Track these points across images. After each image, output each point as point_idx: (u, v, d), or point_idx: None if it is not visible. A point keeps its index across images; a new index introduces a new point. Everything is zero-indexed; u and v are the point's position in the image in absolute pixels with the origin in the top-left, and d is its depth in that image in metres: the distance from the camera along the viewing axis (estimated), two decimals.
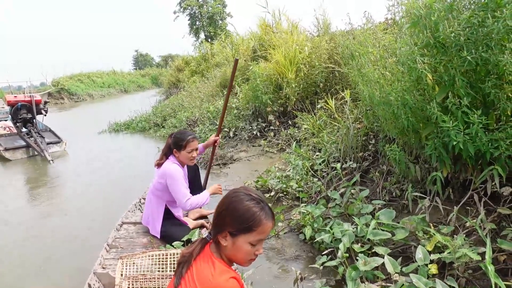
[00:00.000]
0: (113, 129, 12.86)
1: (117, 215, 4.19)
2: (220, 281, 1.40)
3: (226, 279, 1.42)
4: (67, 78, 35.66)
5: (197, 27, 35.44)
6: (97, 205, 5.55)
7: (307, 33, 8.94)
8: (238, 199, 1.49)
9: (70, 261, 3.83)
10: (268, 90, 7.25)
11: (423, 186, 3.38)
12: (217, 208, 1.54)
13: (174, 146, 3.49)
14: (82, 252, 3.99)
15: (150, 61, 71.08)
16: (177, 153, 3.50)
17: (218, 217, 1.52)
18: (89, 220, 4.92)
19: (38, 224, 4.97)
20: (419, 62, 2.73)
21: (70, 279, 3.43)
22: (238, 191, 1.54)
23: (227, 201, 1.51)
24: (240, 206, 1.48)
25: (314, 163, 4.85)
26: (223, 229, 1.49)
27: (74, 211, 5.36)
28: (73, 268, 3.64)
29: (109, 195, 5.97)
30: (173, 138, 3.52)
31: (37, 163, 8.89)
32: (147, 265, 2.66)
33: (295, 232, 3.71)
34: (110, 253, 3.30)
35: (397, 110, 3.01)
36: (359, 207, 3.26)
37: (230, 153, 6.94)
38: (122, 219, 3.98)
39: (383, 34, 4.10)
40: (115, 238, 3.57)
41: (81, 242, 4.26)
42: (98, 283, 2.84)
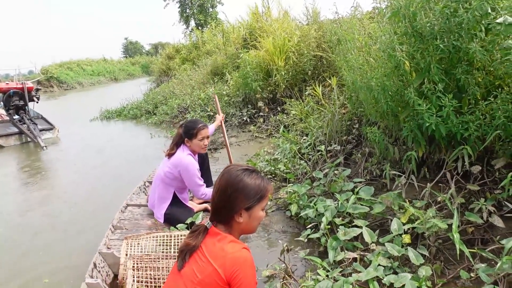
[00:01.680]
0: (105, 116, 12.95)
1: (113, 199, 4.32)
2: (233, 252, 1.48)
3: (239, 249, 1.50)
4: (56, 66, 35.37)
5: (187, 14, 35.16)
6: (93, 189, 5.62)
7: (296, 21, 9.12)
8: (242, 177, 1.57)
9: (72, 243, 3.91)
10: (258, 78, 7.45)
11: (401, 166, 3.61)
12: (223, 193, 1.57)
13: (186, 135, 3.56)
14: (83, 234, 4.08)
15: (140, 49, 70.62)
16: (188, 142, 3.57)
17: (228, 200, 1.57)
18: (88, 204, 4.99)
19: (37, 209, 5.04)
20: (398, 50, 2.94)
21: (74, 260, 3.52)
22: (233, 170, 1.60)
23: (232, 182, 1.56)
24: (248, 182, 1.57)
25: (301, 146, 5.06)
26: (239, 208, 1.57)
27: (71, 196, 5.43)
28: (76, 249, 3.73)
29: (104, 180, 6.06)
30: (184, 128, 3.59)
31: (31, 150, 9.00)
32: (151, 245, 2.75)
33: (282, 210, 3.93)
34: (115, 234, 3.39)
35: (377, 95, 3.22)
36: (341, 185, 3.50)
37: (220, 138, 7.13)
38: (127, 201, 4.05)
39: (369, 22, 4.31)
40: (120, 220, 3.66)
41: (81, 225, 4.33)
42: (103, 263, 2.94)
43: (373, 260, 2.55)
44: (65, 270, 3.38)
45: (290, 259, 2.99)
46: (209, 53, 14.02)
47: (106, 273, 2.92)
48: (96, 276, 2.75)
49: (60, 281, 3.22)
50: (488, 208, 2.67)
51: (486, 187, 2.93)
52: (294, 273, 2.82)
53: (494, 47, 2.68)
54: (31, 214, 4.87)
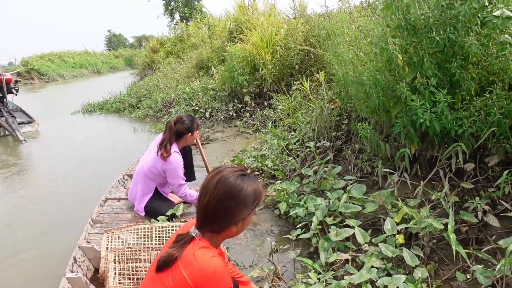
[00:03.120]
0: (87, 109, 12.67)
1: (93, 193, 4.25)
2: (202, 261, 1.38)
3: (209, 258, 1.39)
4: (37, 58, 34.64)
5: (172, 7, 34.65)
6: (73, 184, 5.52)
7: (283, 15, 9.00)
8: (242, 185, 1.44)
9: (52, 238, 3.84)
10: (244, 72, 7.31)
11: (393, 163, 3.54)
12: (221, 203, 1.42)
13: (188, 130, 3.51)
14: (62, 228, 4.01)
15: (124, 42, 69.65)
16: (191, 136, 3.57)
17: (226, 212, 1.44)
18: (66, 198, 4.91)
19: (13, 204, 4.92)
20: (390, 43, 2.84)
21: (54, 255, 3.44)
22: (230, 178, 1.45)
23: (232, 193, 1.42)
24: (247, 190, 1.44)
25: (289, 142, 4.95)
26: (238, 220, 1.46)
27: (49, 190, 5.32)
28: (55, 244, 3.66)
29: (84, 174, 5.93)
30: (186, 124, 3.51)
31: (8, 143, 8.73)
32: (132, 238, 2.71)
33: (271, 208, 3.82)
34: (95, 228, 3.34)
35: (369, 90, 3.13)
36: (332, 183, 3.40)
37: (206, 133, 7.00)
38: (106, 195, 4.00)
39: (359, 16, 4.20)
40: (99, 214, 3.60)
41: (60, 220, 4.25)
42: (83, 257, 2.89)
43: (366, 262, 2.47)
44: (45, 265, 3.31)
45: (279, 260, 2.88)
46: (194, 46, 13.79)
47: (86, 267, 2.88)
48: (76, 271, 2.72)
49: (40, 278, 3.14)
50: (483, 207, 2.60)
51: (479, 185, 2.86)
52: (283, 275, 2.72)
53: (490, 41, 2.60)
54: (7, 209, 4.75)
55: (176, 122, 3.50)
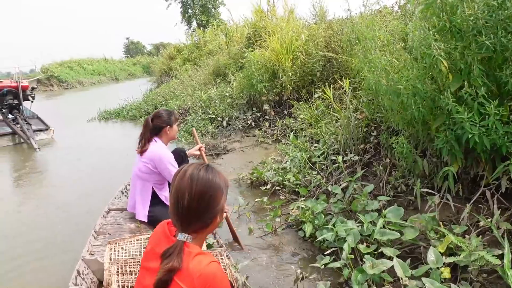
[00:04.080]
0: (103, 117, 12.55)
1: (101, 203, 4.12)
2: (200, 269, 1.31)
3: (207, 264, 1.34)
4: (56, 65, 34.99)
5: (189, 15, 34.74)
6: (84, 193, 5.36)
7: (303, 20, 8.70)
8: (213, 176, 1.43)
9: (57, 249, 3.73)
10: (264, 79, 6.99)
11: (430, 181, 3.19)
12: (201, 199, 1.39)
13: (166, 123, 3.48)
14: (69, 239, 3.90)
15: (142, 49, 70.22)
16: (170, 130, 3.50)
17: (207, 206, 1.41)
18: (76, 208, 4.78)
19: (19, 214, 4.78)
20: (434, 48, 2.51)
21: (59, 266, 3.35)
22: (199, 171, 1.42)
23: (208, 184, 1.41)
24: (219, 179, 1.45)
25: (312, 155, 4.63)
26: (217, 210, 1.45)
27: (60, 199, 5.17)
28: (61, 255, 3.56)
29: (96, 183, 5.76)
30: (163, 117, 3.49)
31: (24, 151, 8.60)
32: (135, 249, 2.68)
33: (294, 228, 3.49)
34: (98, 240, 3.27)
35: (407, 100, 2.79)
36: (364, 204, 3.05)
37: (223, 143, 6.69)
38: (109, 206, 3.95)
39: (391, 19, 3.87)
40: (102, 225, 3.53)
41: (68, 230, 4.14)
42: (87, 270, 2.81)
43: None
44: (48, 278, 3.22)
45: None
46: (211, 53, 13.59)
47: (90, 280, 2.80)
48: (80, 284, 2.65)
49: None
50: None
51: None
52: None
53: None
54: (14, 218, 4.65)
55: (154, 118, 3.48)
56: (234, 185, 4.84)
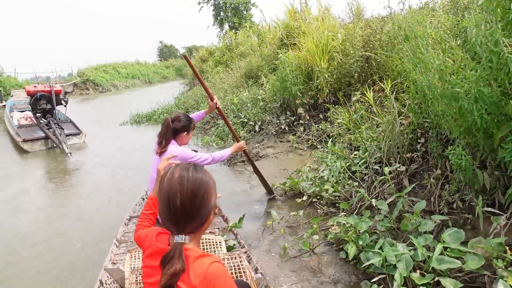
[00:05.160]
0: (135, 120, 12.51)
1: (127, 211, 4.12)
2: (202, 272, 1.28)
3: (208, 265, 1.30)
4: (92, 69, 35.78)
5: (221, 18, 34.76)
6: (113, 199, 5.30)
7: (338, 19, 8.32)
8: (201, 174, 1.42)
9: (80, 260, 3.67)
10: (298, 81, 6.65)
11: (491, 197, 2.79)
12: (194, 197, 1.37)
13: (185, 128, 3.46)
14: (97, 248, 3.83)
15: (175, 52, 70.98)
16: (187, 135, 3.51)
17: (203, 200, 1.39)
18: (105, 215, 4.73)
19: (51, 220, 4.74)
20: (503, 45, 2.13)
21: (83, 275, 3.34)
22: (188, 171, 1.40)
23: (199, 182, 1.39)
24: (207, 176, 1.45)
25: (352, 163, 4.28)
26: (213, 203, 1.44)
27: (89, 206, 5.13)
28: (86, 265, 3.53)
29: (126, 189, 5.65)
30: (183, 122, 3.44)
31: (56, 156, 8.61)
32: None
33: (334, 247, 3.16)
34: (120, 248, 3.29)
35: (468, 105, 2.41)
36: (415, 223, 2.68)
37: (255, 149, 6.39)
38: (130, 213, 3.99)
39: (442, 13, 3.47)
40: (124, 233, 3.58)
41: (95, 238, 4.07)
42: (110, 279, 2.81)
43: None
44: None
45: None
46: (243, 55, 13.33)
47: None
48: None
49: None
50: None
51: None
52: None
53: None
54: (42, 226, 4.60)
55: (174, 120, 3.42)
56: (266, 197, 4.55)
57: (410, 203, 3.06)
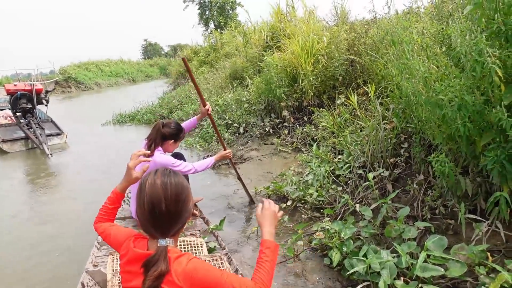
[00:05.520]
0: (118, 120, 12.38)
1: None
2: (182, 271, 1.33)
3: (187, 263, 1.35)
4: (74, 67, 35.31)
5: (207, 17, 34.67)
6: (95, 201, 5.03)
7: (324, 22, 8.35)
8: (178, 177, 1.46)
9: (62, 261, 3.67)
10: (283, 83, 6.63)
11: (473, 203, 2.82)
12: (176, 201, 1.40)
13: (174, 137, 3.49)
14: (78, 250, 3.79)
15: (159, 51, 70.52)
16: (173, 144, 3.53)
17: (184, 203, 1.44)
18: (86, 217, 4.58)
19: (31, 222, 4.70)
20: (487, 55, 2.15)
21: (65, 278, 3.31)
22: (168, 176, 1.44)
23: (180, 186, 1.43)
24: (183, 178, 1.48)
25: (336, 167, 4.29)
26: (191, 210, 1.50)
27: (70, 207, 5.07)
28: (69, 267, 3.51)
29: (107, 191, 5.45)
30: (172, 130, 3.48)
31: (36, 157, 8.46)
32: None
33: (318, 254, 3.15)
34: (101, 250, 3.28)
35: (451, 113, 2.43)
36: (399, 230, 2.69)
37: (240, 151, 6.36)
38: None
39: (428, 19, 3.50)
40: None
41: (77, 241, 4.04)
42: (92, 281, 2.81)
43: None
44: None
45: None
46: (228, 56, 13.29)
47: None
48: None
49: None
50: None
51: None
52: None
53: None
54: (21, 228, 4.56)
55: (165, 125, 3.46)
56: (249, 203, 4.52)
57: (394, 208, 3.07)
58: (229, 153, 4.01)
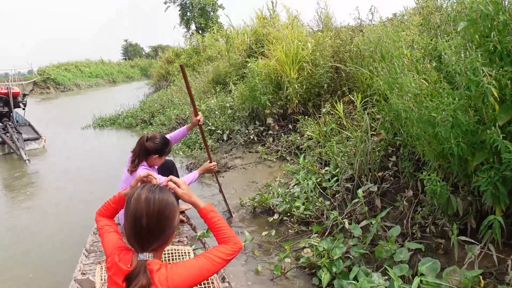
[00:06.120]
0: (98, 124, 12.11)
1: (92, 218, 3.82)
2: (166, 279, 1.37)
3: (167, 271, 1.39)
4: (53, 67, 34.68)
5: (188, 18, 34.43)
6: (76, 208, 5.12)
7: (307, 27, 8.30)
8: (166, 195, 1.47)
9: (48, 269, 3.62)
10: (267, 90, 6.54)
11: (462, 221, 2.78)
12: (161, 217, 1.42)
13: (158, 152, 3.36)
14: (61, 258, 3.77)
15: (140, 52, 69.86)
16: (157, 158, 3.40)
17: (167, 220, 1.45)
18: (67, 224, 4.58)
19: (10, 231, 4.57)
20: (482, 74, 2.09)
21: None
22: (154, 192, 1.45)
23: (164, 203, 1.44)
24: (171, 196, 1.49)
25: (322, 179, 4.21)
26: (174, 228, 1.51)
27: (49, 215, 4.98)
28: (53, 276, 3.47)
29: (88, 197, 5.45)
30: (156, 145, 3.34)
31: (13, 162, 8.21)
32: None
33: (306, 271, 3.05)
34: (89, 258, 3.26)
35: (444, 132, 2.37)
36: (390, 251, 2.62)
37: (224, 159, 6.23)
38: None
39: (416, 31, 3.44)
40: (93, 243, 3.54)
41: (59, 249, 4.00)
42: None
43: None
44: None
45: None
46: (210, 59, 13.15)
47: None
48: None
49: None
50: None
51: None
52: None
53: None
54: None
55: (149, 139, 3.34)
56: (236, 213, 4.40)
57: (383, 226, 3.00)
58: (214, 166, 3.88)
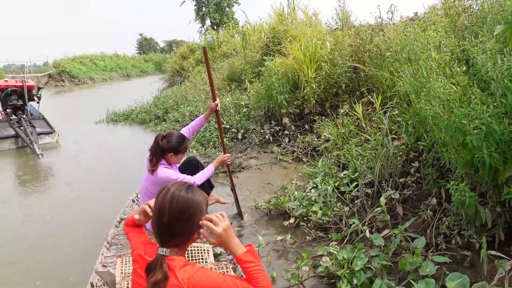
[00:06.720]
0: (111, 119, 12.12)
1: (112, 212, 4.13)
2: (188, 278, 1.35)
3: (193, 273, 1.37)
4: (68, 60, 34.93)
5: (203, 13, 34.37)
6: (90, 202, 5.18)
7: (326, 26, 8.16)
8: (193, 195, 1.47)
9: (68, 263, 3.66)
10: (284, 90, 6.42)
11: (489, 232, 2.65)
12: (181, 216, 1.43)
13: (173, 150, 3.33)
14: (81, 251, 3.84)
15: (154, 46, 70.02)
16: (173, 157, 3.37)
17: (188, 221, 1.45)
18: (82, 220, 4.63)
19: (25, 226, 4.61)
20: None
21: (72, 279, 3.37)
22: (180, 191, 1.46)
23: (188, 203, 1.45)
24: (199, 198, 1.49)
25: (340, 183, 4.10)
26: (195, 229, 1.48)
27: (66, 208, 5.02)
28: (73, 270, 3.52)
29: (103, 192, 5.52)
30: (171, 143, 3.31)
31: (27, 155, 8.23)
32: None
33: (325, 281, 2.94)
34: (111, 251, 3.29)
35: (476, 141, 2.24)
36: (415, 264, 2.50)
37: (238, 159, 6.14)
38: (120, 215, 3.96)
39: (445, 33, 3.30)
40: (114, 235, 3.57)
41: (77, 241, 4.08)
42: (101, 281, 2.81)
43: None
44: None
45: None
46: (225, 56, 13.05)
47: None
48: None
49: None
50: None
51: None
52: None
53: None
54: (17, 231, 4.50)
55: (164, 138, 3.33)
56: (250, 216, 4.30)
57: (406, 236, 2.88)
58: (228, 157, 3.82)
